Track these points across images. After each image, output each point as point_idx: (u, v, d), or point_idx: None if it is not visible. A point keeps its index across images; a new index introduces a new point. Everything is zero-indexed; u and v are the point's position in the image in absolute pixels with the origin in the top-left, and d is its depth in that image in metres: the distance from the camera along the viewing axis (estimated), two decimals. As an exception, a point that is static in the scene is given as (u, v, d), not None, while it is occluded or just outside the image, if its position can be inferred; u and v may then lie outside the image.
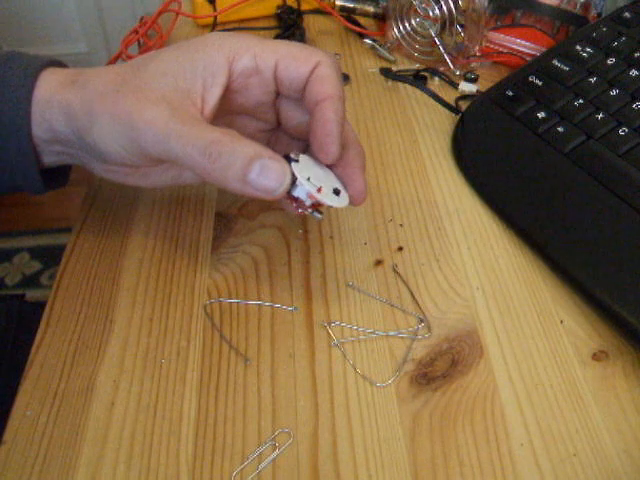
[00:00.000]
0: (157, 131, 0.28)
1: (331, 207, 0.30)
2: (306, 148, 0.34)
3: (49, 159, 0.33)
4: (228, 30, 0.59)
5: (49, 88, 0.31)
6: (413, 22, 0.52)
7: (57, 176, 0.35)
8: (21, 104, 0.30)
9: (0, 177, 0.33)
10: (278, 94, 0.33)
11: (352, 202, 0.31)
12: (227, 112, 0.33)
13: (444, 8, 0.49)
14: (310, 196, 0.29)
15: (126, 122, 0.29)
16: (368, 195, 0.34)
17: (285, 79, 0.31)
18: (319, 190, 0.29)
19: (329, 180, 0.31)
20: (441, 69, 0.52)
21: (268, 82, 0.32)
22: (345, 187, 0.31)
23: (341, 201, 0.30)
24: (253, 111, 0.34)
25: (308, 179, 0.29)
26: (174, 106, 0.29)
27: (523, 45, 0.52)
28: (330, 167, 0.32)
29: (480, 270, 0.35)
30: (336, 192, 0.30)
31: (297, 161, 0.29)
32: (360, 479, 0.27)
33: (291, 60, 0.31)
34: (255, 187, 0.28)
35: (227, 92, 0.31)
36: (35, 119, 0.31)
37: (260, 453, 0.28)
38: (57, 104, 0.31)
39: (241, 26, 0.60)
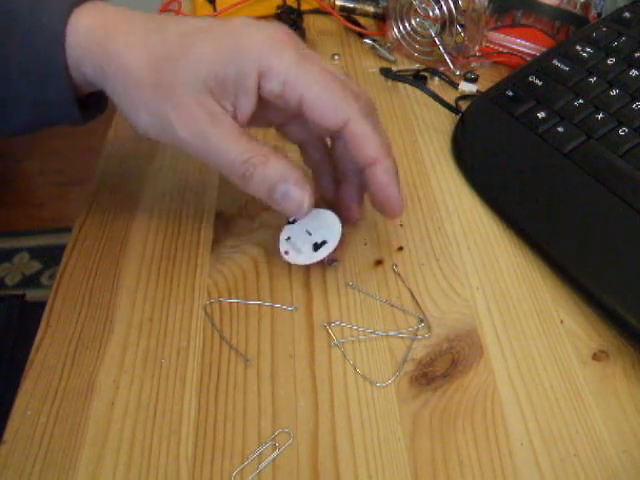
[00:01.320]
0: (197, 142, 0.30)
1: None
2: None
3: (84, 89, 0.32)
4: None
5: (82, 40, 0.30)
6: (413, 22, 0.52)
7: (93, 103, 0.34)
8: (55, 47, 0.30)
9: (38, 110, 0.32)
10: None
11: (390, 216, 0.34)
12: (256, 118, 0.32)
13: (444, 8, 0.49)
14: (281, 255, 0.34)
15: (166, 125, 0.30)
16: (368, 195, 0.34)
17: (309, 119, 0.30)
18: (286, 252, 0.34)
19: (316, 235, 0.34)
20: (441, 69, 0.52)
21: (291, 109, 0.30)
22: (336, 236, 0.33)
23: (310, 258, 0.33)
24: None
25: (288, 238, 0.34)
26: (212, 113, 0.29)
27: (523, 45, 0.52)
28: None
29: (480, 270, 0.35)
30: (315, 247, 0.34)
31: (293, 222, 0.34)
32: (360, 479, 0.27)
33: (318, 107, 0.29)
34: (279, 206, 0.31)
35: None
36: (70, 64, 0.30)
37: (260, 453, 0.28)
38: (90, 66, 0.30)
39: (241, 26, 0.60)
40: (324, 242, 0.33)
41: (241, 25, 0.30)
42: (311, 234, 0.34)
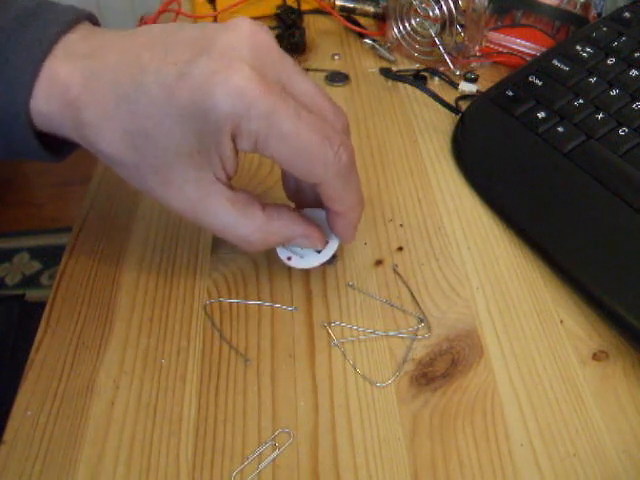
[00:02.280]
0: (188, 218, 0.30)
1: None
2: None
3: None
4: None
5: (48, 114, 0.28)
6: (413, 22, 0.52)
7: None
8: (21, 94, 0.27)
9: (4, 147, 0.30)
10: None
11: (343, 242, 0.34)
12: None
13: (444, 8, 0.49)
14: (284, 261, 0.33)
15: (157, 196, 0.30)
16: (368, 195, 0.34)
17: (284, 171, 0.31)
18: (289, 258, 0.32)
19: None
20: (441, 69, 0.52)
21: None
22: (334, 235, 0.33)
23: (315, 260, 0.33)
24: None
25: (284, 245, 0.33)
26: (200, 189, 0.29)
27: (523, 45, 0.52)
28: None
29: (480, 270, 0.35)
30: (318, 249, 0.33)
31: None
32: (360, 479, 0.27)
33: (289, 168, 0.29)
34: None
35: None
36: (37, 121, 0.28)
37: (260, 453, 0.28)
38: (66, 133, 0.28)
39: (241, 26, 0.60)
40: (325, 242, 0.33)
41: (207, 77, 0.26)
42: None
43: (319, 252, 0.33)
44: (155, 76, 0.27)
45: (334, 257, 0.35)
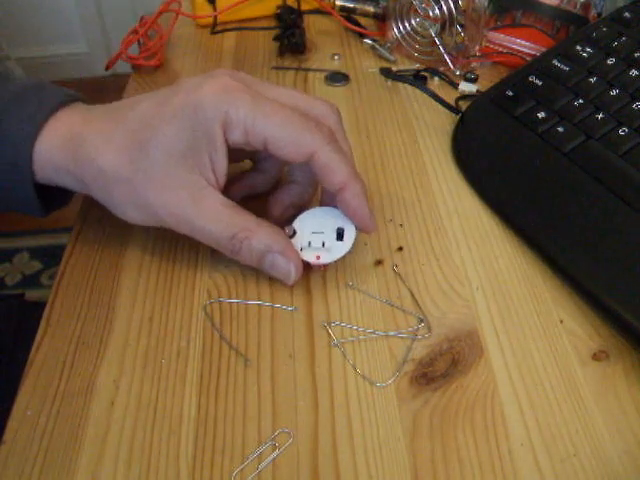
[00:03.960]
0: (183, 225, 0.31)
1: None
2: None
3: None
4: (228, 30, 0.59)
5: (50, 150, 0.31)
6: (413, 22, 0.52)
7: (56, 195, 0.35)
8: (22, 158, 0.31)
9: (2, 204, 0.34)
10: None
11: (364, 232, 0.34)
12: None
13: (444, 8, 0.49)
14: (313, 263, 0.33)
15: (153, 215, 0.31)
16: (368, 195, 0.34)
17: (277, 157, 0.31)
18: (317, 257, 0.33)
19: (329, 229, 0.33)
20: (441, 69, 0.52)
21: (260, 150, 0.31)
22: (350, 221, 0.33)
23: (344, 248, 0.33)
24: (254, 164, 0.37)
25: (309, 244, 0.33)
26: (193, 193, 0.31)
27: (523, 45, 0.52)
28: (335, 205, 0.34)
29: (480, 270, 0.35)
30: (339, 235, 0.33)
31: (294, 235, 0.33)
32: (360, 479, 0.27)
33: (282, 146, 0.30)
34: (270, 274, 0.33)
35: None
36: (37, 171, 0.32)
37: (260, 453, 0.28)
38: (64, 172, 0.32)
39: (241, 26, 0.60)
40: (342, 229, 0.33)
41: (190, 88, 0.30)
42: (323, 232, 0.33)
43: (342, 239, 0.33)
44: (148, 102, 0.31)
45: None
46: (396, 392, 0.30)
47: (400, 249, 0.37)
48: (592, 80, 0.42)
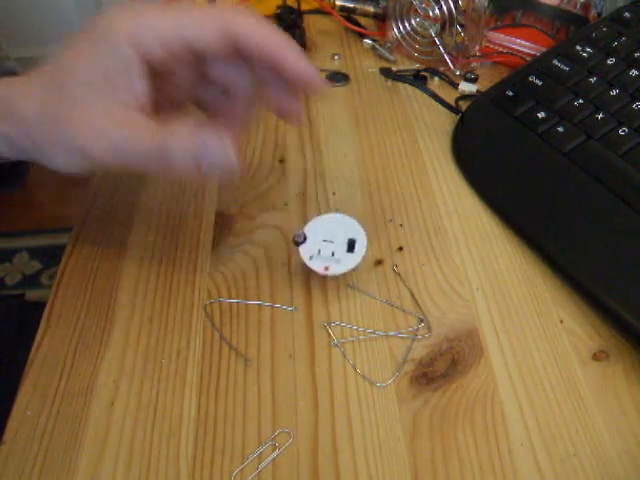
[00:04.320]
0: (110, 153, 0.29)
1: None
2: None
3: None
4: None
5: None
6: (413, 22, 0.52)
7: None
8: None
9: None
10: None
11: (315, 94, 0.31)
12: (170, 96, 0.32)
13: (444, 8, 0.49)
14: (321, 273, 0.32)
15: (79, 152, 0.30)
16: (368, 195, 0.34)
17: (203, 50, 0.30)
18: (326, 269, 0.32)
19: (340, 239, 0.33)
20: (441, 69, 0.52)
21: (190, 58, 0.30)
22: (360, 229, 0.33)
23: (353, 260, 0.32)
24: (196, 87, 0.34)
25: (319, 252, 0.33)
26: (115, 117, 0.29)
27: (523, 45, 0.52)
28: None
29: (480, 270, 0.35)
30: (350, 246, 0.33)
31: (304, 241, 0.33)
32: (360, 479, 0.27)
33: (199, 37, 0.29)
34: (213, 170, 0.29)
35: (159, 79, 0.30)
36: None
37: (260, 453, 0.28)
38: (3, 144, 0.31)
39: (241, 26, 0.60)
40: (353, 240, 0.33)
41: (94, 25, 0.30)
42: (332, 241, 0.33)
43: (353, 250, 0.33)
44: (59, 52, 0.31)
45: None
46: (396, 392, 0.30)
47: (400, 249, 0.37)
48: (592, 80, 0.42)
